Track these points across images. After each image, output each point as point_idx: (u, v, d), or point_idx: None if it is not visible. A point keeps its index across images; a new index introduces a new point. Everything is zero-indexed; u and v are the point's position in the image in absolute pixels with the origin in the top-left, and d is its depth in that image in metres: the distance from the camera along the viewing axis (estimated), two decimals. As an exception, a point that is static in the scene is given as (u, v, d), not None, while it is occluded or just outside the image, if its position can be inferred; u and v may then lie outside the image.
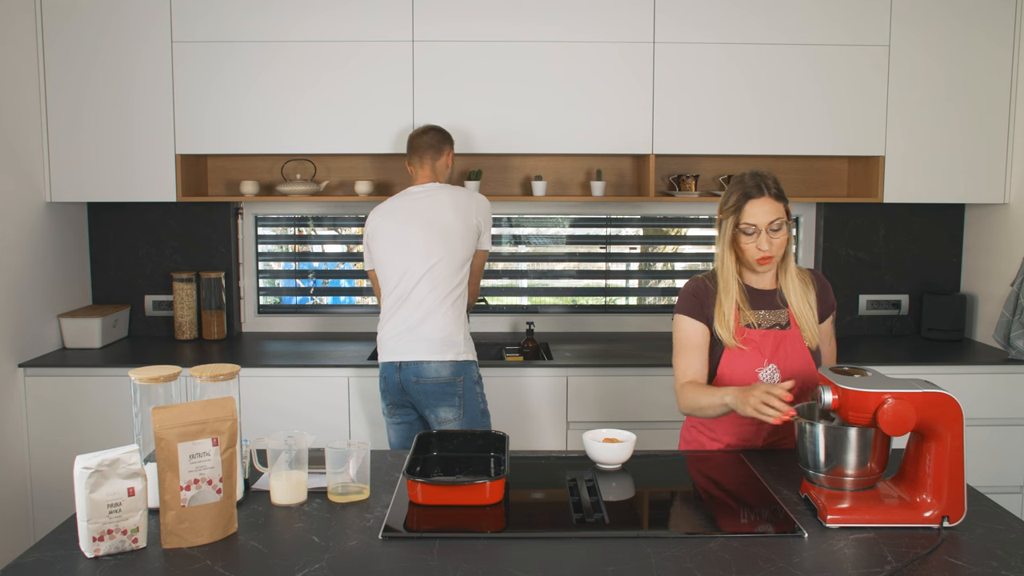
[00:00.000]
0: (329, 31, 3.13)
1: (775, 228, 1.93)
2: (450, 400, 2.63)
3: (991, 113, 3.22)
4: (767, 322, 2.00)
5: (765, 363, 1.98)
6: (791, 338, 1.99)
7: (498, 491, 1.67)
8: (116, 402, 2.97)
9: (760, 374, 1.98)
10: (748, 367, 1.98)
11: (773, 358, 1.98)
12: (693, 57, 3.17)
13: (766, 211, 1.92)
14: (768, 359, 1.98)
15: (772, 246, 1.93)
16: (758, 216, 1.92)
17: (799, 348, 1.99)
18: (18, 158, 3.01)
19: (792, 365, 1.98)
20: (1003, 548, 1.48)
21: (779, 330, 1.99)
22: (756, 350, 1.98)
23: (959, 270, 3.62)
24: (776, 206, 1.94)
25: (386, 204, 2.76)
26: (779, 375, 1.98)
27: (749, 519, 1.64)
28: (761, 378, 1.97)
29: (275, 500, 1.69)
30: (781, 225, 1.93)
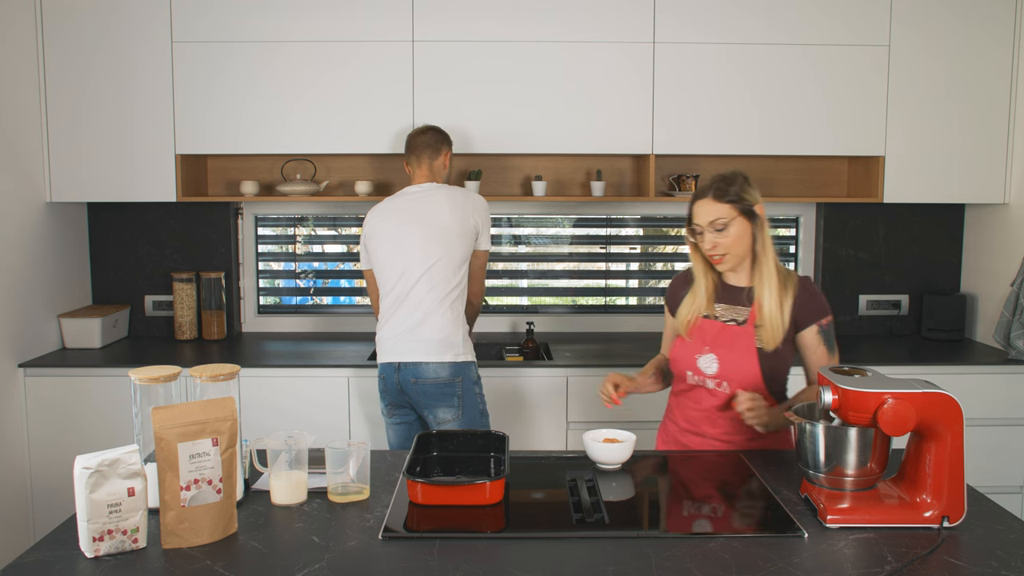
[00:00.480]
0: (329, 31, 3.13)
1: (718, 228, 1.99)
2: (449, 401, 2.63)
3: (991, 113, 3.22)
4: (725, 316, 2.07)
5: (705, 350, 2.05)
6: (740, 334, 2.03)
7: (498, 491, 1.67)
8: (116, 402, 2.97)
9: (699, 360, 2.06)
10: (690, 354, 2.08)
11: (713, 348, 2.04)
12: (693, 57, 3.17)
13: (707, 212, 2.00)
14: (709, 347, 2.04)
15: (718, 245, 2.00)
16: (700, 216, 2.01)
17: (745, 345, 2.01)
18: (18, 158, 3.01)
19: (732, 359, 2.02)
20: (1003, 548, 1.49)
21: (734, 325, 2.04)
22: (699, 337, 2.07)
23: (959, 270, 3.62)
24: (718, 207, 1.99)
25: (383, 204, 2.76)
26: (717, 365, 2.03)
27: (749, 519, 1.64)
28: (699, 365, 2.06)
29: (275, 500, 1.69)
30: (725, 226, 1.99)
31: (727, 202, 1.99)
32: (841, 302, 3.62)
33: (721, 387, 2.05)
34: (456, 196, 2.72)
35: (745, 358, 2.01)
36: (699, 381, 2.08)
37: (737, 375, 2.02)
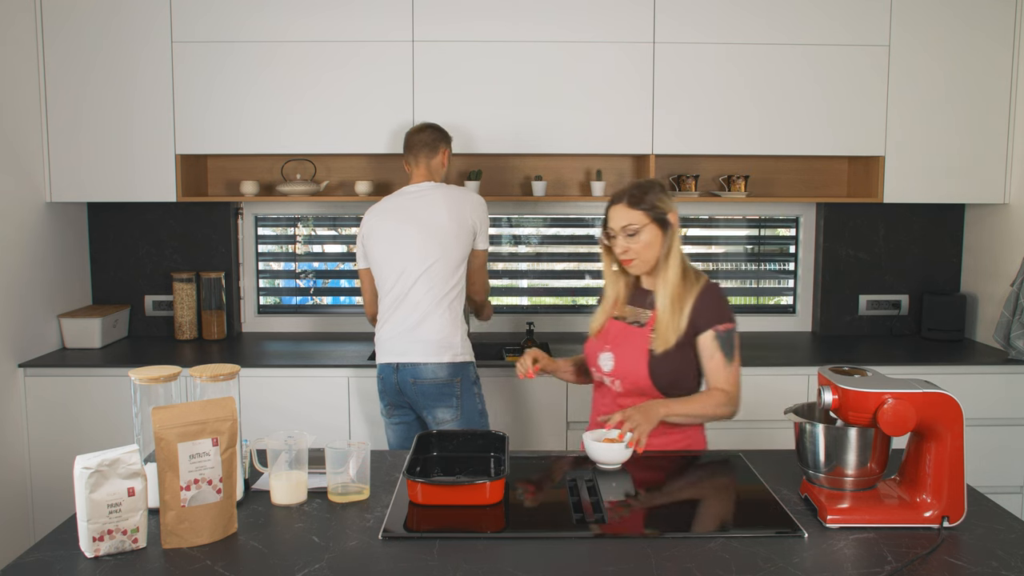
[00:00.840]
0: (329, 31, 3.13)
1: (630, 233, 2.05)
2: (447, 401, 2.63)
3: (991, 113, 3.22)
4: (630, 317, 2.15)
5: (605, 348, 2.13)
6: (637, 335, 2.09)
7: (498, 491, 1.67)
8: (116, 402, 2.97)
9: (599, 358, 2.15)
10: (594, 351, 2.18)
11: (612, 347, 2.12)
12: (693, 57, 3.17)
13: (619, 216, 2.07)
14: (609, 346, 2.13)
15: (629, 250, 2.06)
16: (613, 220, 2.08)
17: (639, 346, 2.07)
18: (18, 158, 3.01)
19: (625, 357, 2.09)
20: (1003, 548, 1.48)
21: (636, 327, 2.11)
22: (603, 336, 2.17)
23: (959, 270, 3.62)
24: (631, 213, 2.05)
25: (381, 204, 2.76)
26: (612, 363, 2.11)
27: (749, 519, 1.64)
28: (599, 362, 2.14)
29: (275, 500, 1.69)
30: (636, 231, 2.04)
31: (640, 209, 2.05)
32: (841, 302, 3.62)
33: (614, 385, 2.12)
34: (453, 196, 2.71)
35: (636, 358, 2.06)
36: (600, 378, 2.17)
37: (628, 374, 2.08)
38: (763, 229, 3.73)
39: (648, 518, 1.67)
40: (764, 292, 3.78)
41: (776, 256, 3.75)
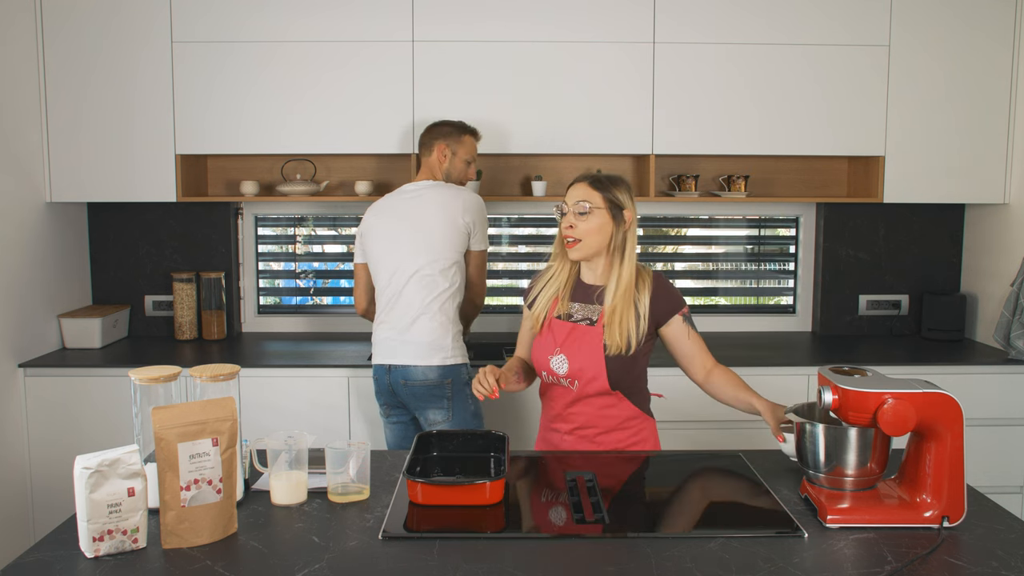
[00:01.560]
0: (329, 31, 3.13)
1: (580, 212, 2.01)
2: (438, 403, 2.62)
3: (991, 113, 3.22)
4: (578, 315, 2.08)
5: (556, 351, 2.06)
6: (590, 334, 2.03)
7: (498, 491, 1.67)
8: (116, 402, 2.97)
9: (551, 360, 2.07)
10: (543, 355, 2.09)
11: (564, 348, 2.05)
12: (693, 57, 3.17)
13: (577, 193, 2.03)
14: (559, 348, 2.05)
15: (575, 228, 2.01)
16: (570, 196, 2.04)
17: (593, 345, 2.02)
18: (18, 158, 3.01)
19: (580, 359, 2.03)
20: (1003, 548, 1.48)
21: (586, 325, 2.05)
22: (552, 338, 2.08)
23: (959, 270, 3.62)
24: (588, 192, 2.02)
25: (380, 202, 2.76)
26: (568, 365, 2.04)
27: (749, 519, 1.64)
28: (551, 365, 2.06)
29: (275, 500, 1.69)
30: (588, 210, 2.01)
31: (598, 191, 2.03)
32: (841, 302, 3.62)
33: (573, 386, 2.07)
34: (445, 197, 2.68)
35: (593, 358, 2.02)
36: (554, 380, 2.10)
37: (585, 375, 2.03)
38: (763, 229, 3.73)
39: (648, 518, 1.67)
40: (764, 292, 3.78)
41: (776, 256, 3.75)
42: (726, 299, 3.75)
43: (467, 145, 2.83)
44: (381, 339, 2.68)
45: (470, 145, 2.85)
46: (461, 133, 2.82)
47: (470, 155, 2.85)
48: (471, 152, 2.85)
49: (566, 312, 2.09)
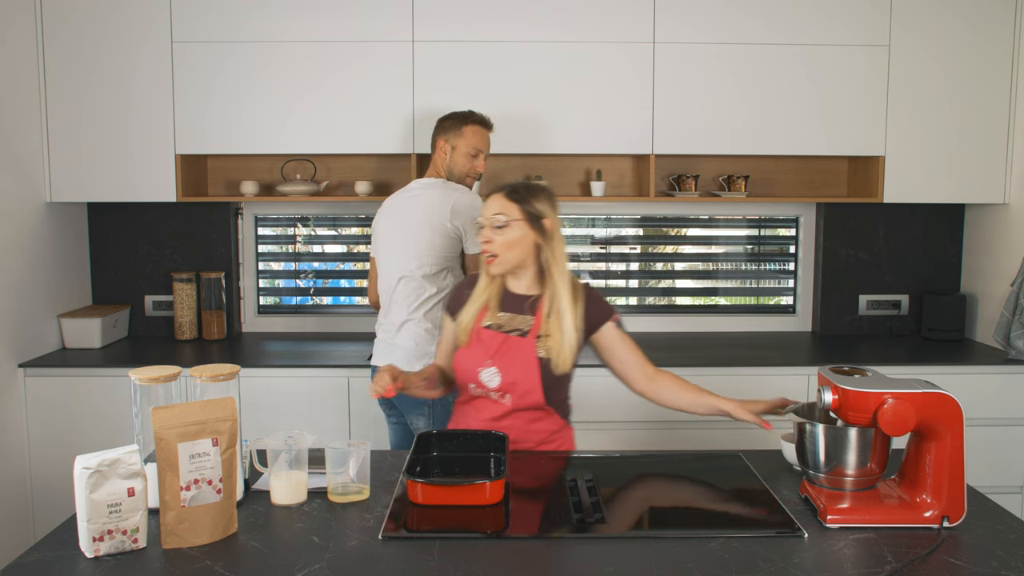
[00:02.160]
0: (328, 31, 3.13)
1: (497, 225, 1.96)
2: (419, 409, 2.57)
3: (991, 113, 3.22)
4: (508, 326, 2.02)
5: (487, 363, 2.00)
6: (522, 345, 1.99)
7: (498, 491, 1.67)
8: (116, 402, 2.97)
9: (481, 374, 2.01)
10: (471, 367, 2.02)
11: (495, 360, 2.00)
12: (693, 57, 3.17)
13: (493, 206, 1.98)
14: (490, 360, 2.00)
15: (492, 242, 1.97)
16: (487, 209, 1.99)
17: (527, 357, 1.98)
18: (18, 158, 3.01)
19: (514, 372, 1.98)
20: (1003, 548, 1.48)
21: (517, 336, 2.00)
22: (481, 349, 2.02)
23: (959, 270, 3.62)
24: (505, 204, 1.97)
25: (388, 199, 2.75)
26: (500, 378, 1.99)
27: (749, 519, 1.64)
28: (482, 378, 2.01)
29: (275, 500, 1.69)
30: (505, 223, 1.96)
31: (515, 202, 1.98)
32: (841, 302, 3.62)
33: (503, 400, 2.02)
34: (434, 199, 2.59)
35: (527, 370, 1.98)
36: (482, 393, 2.04)
37: (518, 388, 1.99)
38: (763, 229, 3.73)
39: (648, 518, 1.67)
40: (764, 292, 3.78)
41: (776, 256, 3.75)
42: (726, 299, 3.75)
43: (468, 136, 2.69)
44: (377, 340, 2.69)
45: (472, 136, 2.69)
46: (462, 124, 2.69)
47: (473, 147, 2.69)
48: (474, 143, 2.70)
49: (495, 323, 2.03)
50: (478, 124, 2.72)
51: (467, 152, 2.69)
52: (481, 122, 2.73)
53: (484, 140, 2.74)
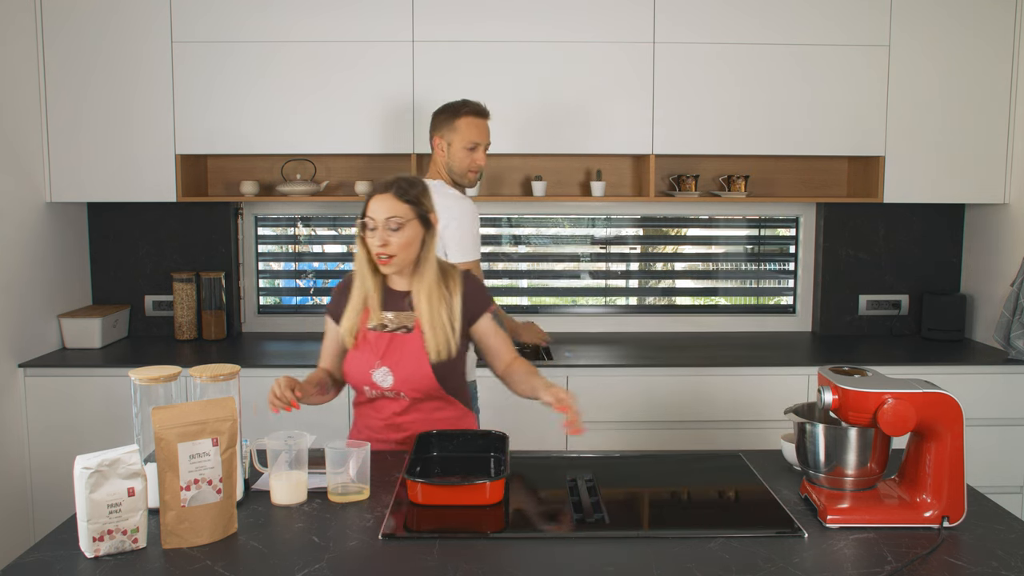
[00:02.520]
0: (328, 32, 3.13)
1: (393, 227, 1.94)
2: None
3: (991, 113, 3.22)
4: (393, 324, 2.02)
5: (377, 364, 2.00)
6: (409, 342, 2.00)
7: (498, 491, 1.67)
8: (116, 402, 2.97)
9: (373, 375, 2.01)
10: (363, 369, 2.02)
11: (385, 360, 2.00)
12: (693, 57, 3.17)
13: (385, 207, 1.94)
14: (380, 360, 2.00)
15: (389, 244, 1.94)
16: (378, 211, 1.94)
17: (415, 352, 1.99)
18: (18, 158, 3.01)
19: (404, 368, 1.99)
20: (1003, 548, 1.48)
21: (403, 333, 2.01)
22: (370, 351, 2.01)
23: (959, 270, 3.62)
24: (398, 205, 1.95)
25: None
26: (392, 378, 1.99)
27: (749, 519, 1.64)
28: (374, 379, 2.01)
29: (275, 500, 1.69)
30: (401, 225, 1.94)
31: (407, 202, 1.95)
32: (841, 302, 3.62)
33: (400, 396, 2.03)
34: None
35: (417, 365, 1.99)
36: (377, 394, 2.04)
37: (412, 384, 2.00)
38: (763, 229, 3.73)
39: (648, 518, 1.67)
40: (764, 292, 3.78)
41: (776, 256, 3.75)
42: (726, 299, 3.75)
43: (463, 130, 2.53)
44: None
45: (467, 128, 2.53)
46: (454, 117, 2.54)
47: (469, 140, 2.53)
48: (471, 136, 2.53)
49: (379, 323, 2.02)
50: (472, 115, 2.55)
51: (463, 146, 2.53)
52: (476, 112, 2.56)
53: (481, 131, 2.56)
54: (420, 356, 1.99)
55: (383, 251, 1.94)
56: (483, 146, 2.57)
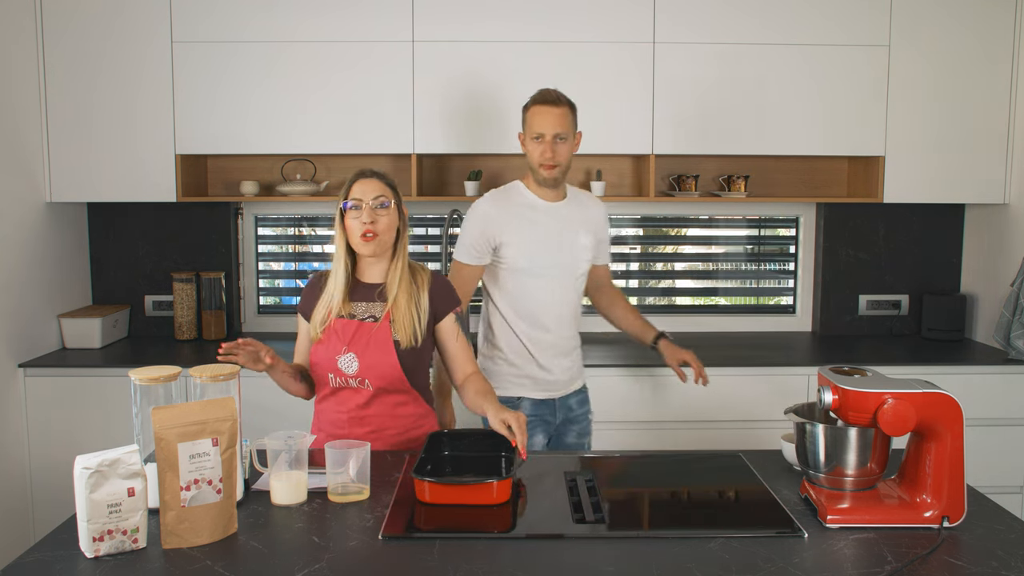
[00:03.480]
0: (328, 32, 3.13)
1: (382, 204, 2.02)
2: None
3: (991, 113, 3.22)
4: (361, 313, 2.06)
5: (343, 350, 2.03)
6: (377, 330, 2.03)
7: (505, 491, 1.67)
8: (116, 402, 2.97)
9: (339, 361, 2.03)
10: (329, 356, 2.04)
11: (351, 346, 2.03)
12: (693, 57, 3.17)
13: (372, 188, 2.03)
14: (346, 346, 2.03)
15: (377, 222, 2.00)
16: (364, 192, 2.02)
17: (382, 340, 2.02)
18: (18, 158, 3.01)
19: (370, 355, 2.02)
20: (1003, 548, 1.48)
21: (371, 322, 2.04)
22: (337, 338, 2.04)
23: (959, 270, 3.61)
24: (383, 187, 2.05)
25: None
26: (357, 363, 2.02)
27: (749, 519, 1.64)
28: (340, 366, 2.03)
29: (275, 500, 1.69)
30: (386, 204, 2.03)
31: (390, 187, 2.06)
32: (841, 302, 3.62)
33: (364, 385, 2.04)
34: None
35: (384, 353, 2.02)
36: (341, 382, 2.05)
37: (377, 371, 2.02)
38: (763, 229, 3.73)
39: (648, 518, 1.67)
40: (764, 292, 3.78)
41: (776, 256, 3.75)
42: (726, 299, 3.75)
43: (529, 121, 2.41)
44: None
45: (531, 118, 2.40)
46: (525, 110, 2.44)
47: (533, 130, 2.39)
48: (534, 126, 2.39)
49: (348, 312, 2.06)
50: (534, 103, 2.41)
51: (530, 138, 2.41)
52: (538, 99, 2.41)
53: (544, 120, 2.37)
54: (387, 344, 2.02)
55: (372, 228, 2.00)
56: (548, 136, 2.38)
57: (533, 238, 2.44)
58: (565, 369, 2.55)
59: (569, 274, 2.52)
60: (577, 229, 2.51)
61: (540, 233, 2.45)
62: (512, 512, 1.65)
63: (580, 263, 2.54)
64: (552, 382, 2.53)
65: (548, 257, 2.46)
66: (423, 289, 2.08)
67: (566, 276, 2.51)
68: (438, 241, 3.66)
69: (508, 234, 2.43)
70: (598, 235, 2.61)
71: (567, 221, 2.50)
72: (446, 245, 3.44)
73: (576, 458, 2.01)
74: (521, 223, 2.44)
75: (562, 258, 2.49)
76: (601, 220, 2.64)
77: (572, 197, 2.55)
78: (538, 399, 2.51)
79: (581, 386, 2.65)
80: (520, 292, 2.47)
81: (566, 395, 2.58)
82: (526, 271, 2.45)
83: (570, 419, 2.60)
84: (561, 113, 2.38)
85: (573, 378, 2.60)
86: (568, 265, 2.51)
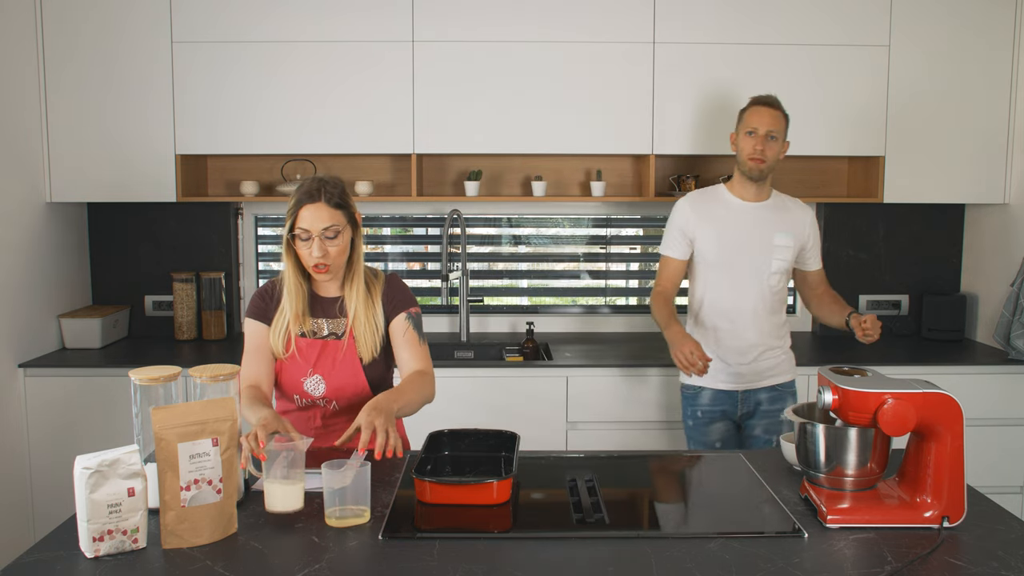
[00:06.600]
0: (328, 32, 3.13)
1: (330, 236, 1.91)
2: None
3: (991, 113, 3.22)
4: (323, 331, 2.01)
5: (309, 372, 1.98)
6: (340, 348, 1.99)
7: (505, 491, 1.67)
8: (116, 402, 2.97)
9: (305, 384, 1.99)
10: (295, 378, 1.99)
11: (317, 368, 1.98)
12: (693, 57, 3.17)
13: (321, 216, 1.90)
14: (312, 369, 1.98)
15: (328, 254, 1.91)
16: (313, 222, 1.90)
17: (348, 359, 1.98)
18: (18, 158, 3.01)
19: (338, 376, 1.98)
20: (1003, 548, 1.48)
21: (334, 340, 2.00)
22: (303, 359, 1.99)
23: (959, 270, 3.61)
24: (333, 213, 1.91)
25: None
26: (325, 385, 1.98)
27: (749, 519, 1.64)
28: (306, 388, 1.99)
29: (270, 508, 1.63)
30: (337, 233, 1.91)
31: (337, 207, 1.92)
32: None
33: (331, 406, 2.02)
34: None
35: (350, 373, 1.97)
36: (308, 403, 2.03)
37: (345, 392, 1.99)
38: (763, 229, 3.72)
39: (648, 518, 1.67)
40: (764, 292, 3.77)
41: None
42: (726, 299, 3.75)
43: (744, 118, 2.57)
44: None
45: (748, 116, 2.56)
46: (743, 111, 2.60)
47: (748, 125, 2.54)
48: (749, 123, 2.54)
49: (310, 329, 2.00)
50: (754, 104, 2.57)
51: (744, 133, 2.55)
52: (758, 101, 2.57)
53: (762, 117, 2.53)
54: (353, 363, 1.98)
55: (322, 261, 1.91)
56: (763, 133, 2.52)
57: (722, 233, 2.59)
58: (747, 364, 2.62)
59: (758, 271, 2.59)
60: (773, 230, 2.60)
61: (730, 229, 2.59)
62: (512, 512, 1.65)
63: (772, 262, 2.59)
64: (733, 375, 2.63)
65: (736, 253, 2.59)
66: (376, 297, 2.01)
67: (755, 273, 2.59)
68: (438, 241, 3.66)
69: (701, 228, 2.60)
70: (800, 238, 2.64)
71: (763, 221, 2.60)
72: (446, 245, 3.44)
73: (576, 458, 2.01)
74: (713, 218, 2.60)
75: (752, 254, 2.59)
76: (804, 224, 2.66)
77: (775, 199, 2.66)
78: (720, 390, 2.65)
79: (777, 383, 2.66)
80: (709, 284, 2.63)
81: (752, 389, 2.64)
82: (713, 264, 2.61)
83: (757, 413, 2.65)
84: (776, 115, 2.55)
85: (759, 374, 2.64)
86: (758, 262, 2.59)
